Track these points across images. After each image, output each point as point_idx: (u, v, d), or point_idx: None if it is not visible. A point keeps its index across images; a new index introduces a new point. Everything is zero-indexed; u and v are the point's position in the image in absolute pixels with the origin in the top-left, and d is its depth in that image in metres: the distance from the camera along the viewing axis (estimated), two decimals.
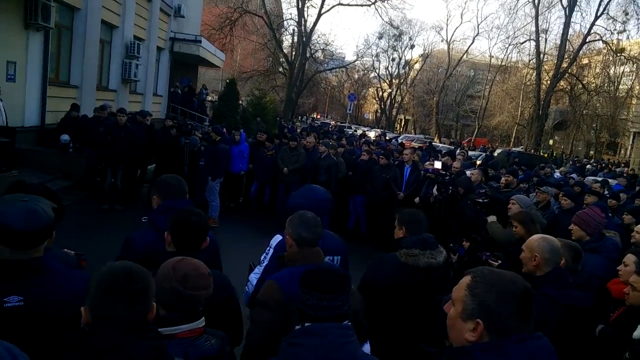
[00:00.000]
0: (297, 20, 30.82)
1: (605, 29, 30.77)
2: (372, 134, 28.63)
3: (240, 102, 25.84)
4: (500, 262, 4.18)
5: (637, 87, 31.27)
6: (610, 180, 13.39)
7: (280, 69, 33.67)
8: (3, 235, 1.67)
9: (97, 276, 1.48)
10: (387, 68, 52.40)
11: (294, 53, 32.95)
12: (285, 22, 33.54)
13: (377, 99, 56.59)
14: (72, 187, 9.42)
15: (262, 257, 2.76)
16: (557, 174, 13.90)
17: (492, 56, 40.52)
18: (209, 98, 25.26)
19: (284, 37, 35.69)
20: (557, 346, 2.54)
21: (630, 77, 33.67)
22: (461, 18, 67.00)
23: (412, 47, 50.74)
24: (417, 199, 7.81)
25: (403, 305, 2.79)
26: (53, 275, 1.80)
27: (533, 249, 2.79)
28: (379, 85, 54.42)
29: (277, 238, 2.76)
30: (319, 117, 58.94)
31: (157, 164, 9.43)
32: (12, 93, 9.50)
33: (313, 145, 9.74)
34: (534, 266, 2.77)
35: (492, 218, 5.12)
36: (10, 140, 7.91)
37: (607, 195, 8.24)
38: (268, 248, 2.77)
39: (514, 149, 31.36)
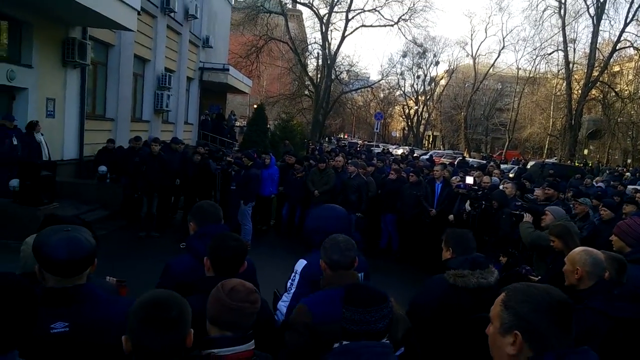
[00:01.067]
0: (321, 44, 31.31)
1: (636, 35, 30.11)
2: (399, 152, 28.52)
3: (269, 126, 26.32)
4: (540, 277, 4.08)
5: None
6: None
7: (306, 92, 34.11)
8: (48, 264, 1.75)
9: (133, 306, 1.53)
10: (412, 85, 52.49)
11: (319, 76, 33.38)
12: (309, 47, 34.13)
13: (403, 116, 56.54)
14: (110, 217, 9.70)
15: (289, 283, 2.72)
16: (598, 184, 13.47)
17: (520, 68, 40.04)
18: (238, 123, 25.76)
19: (308, 61, 36.28)
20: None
21: None
22: (486, 32, 67.29)
23: (437, 63, 50.79)
24: (451, 216, 7.70)
25: (452, 328, 2.72)
26: (96, 302, 1.86)
27: (575, 262, 2.74)
28: (405, 103, 54.39)
29: (302, 263, 2.72)
30: (346, 137, 59.17)
31: (188, 190, 9.62)
32: (52, 128, 9.96)
33: (342, 165, 9.77)
34: (576, 279, 2.71)
35: (527, 217, 5.04)
36: (52, 173, 8.24)
37: None
38: (293, 274, 2.72)
39: (547, 160, 30.64)
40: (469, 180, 7.25)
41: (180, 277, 2.51)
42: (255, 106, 17.96)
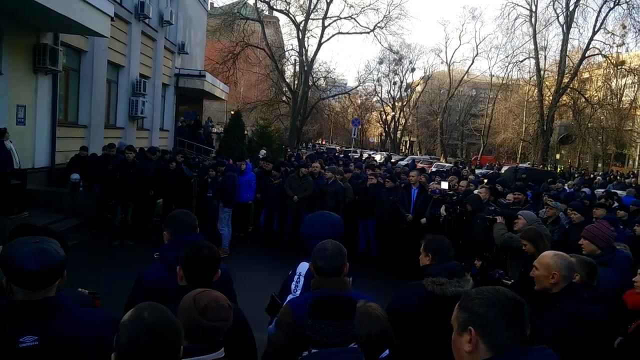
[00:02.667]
0: (298, 50, 31.37)
1: (604, 43, 31.08)
2: (377, 157, 28.74)
3: (246, 132, 26.21)
4: (513, 281, 4.16)
5: None
6: (619, 192, 13.29)
7: (284, 98, 34.11)
8: (16, 276, 1.71)
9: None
10: (389, 92, 53.08)
11: (296, 82, 33.42)
12: (286, 53, 34.15)
13: (381, 122, 57.06)
14: (83, 225, 9.50)
15: (293, 285, 2.72)
16: (567, 188, 13.80)
17: (493, 75, 40.94)
18: (215, 130, 25.58)
19: (286, 67, 36.30)
20: None
21: (633, 89, 33.77)
22: (459, 40, 68.12)
23: (413, 70, 51.51)
24: (423, 220, 7.80)
25: (430, 336, 2.73)
26: (66, 314, 1.83)
27: (550, 267, 2.76)
28: (382, 109, 54.93)
29: (305, 266, 2.72)
30: (324, 142, 59.32)
31: (164, 198, 9.51)
32: (23, 136, 9.72)
33: (319, 171, 9.80)
34: (551, 284, 2.74)
35: (500, 219, 5.15)
36: (22, 182, 8.03)
37: (617, 207, 8.16)
38: (297, 277, 2.73)
39: (521, 165, 31.28)
40: (444, 185, 7.36)
41: (153, 287, 2.49)
42: (232, 112, 17.86)
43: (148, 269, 2.69)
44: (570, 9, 29.64)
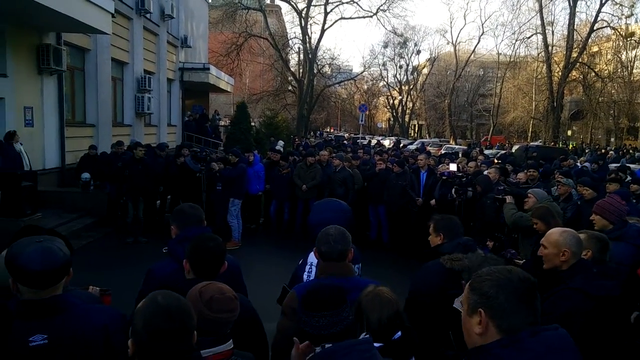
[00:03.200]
0: (301, 38, 31.19)
1: (612, 15, 30.43)
2: (386, 142, 28.60)
3: (253, 123, 26.19)
4: (524, 260, 4.13)
5: None
6: (632, 166, 13.10)
7: (290, 88, 33.99)
8: (22, 276, 1.73)
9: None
10: (395, 76, 52.52)
11: (301, 70, 33.27)
12: (290, 42, 33.98)
13: (388, 107, 56.63)
14: (96, 224, 9.61)
15: (305, 276, 2.74)
16: (584, 164, 13.65)
17: (500, 53, 40.31)
18: (222, 123, 25.61)
19: (290, 56, 36.11)
20: (591, 338, 2.49)
21: None
22: (464, 19, 67.59)
23: (419, 52, 50.82)
24: (432, 201, 7.76)
25: (453, 312, 2.74)
26: (75, 312, 1.84)
27: (559, 244, 2.72)
28: (389, 94, 54.46)
29: (313, 255, 2.72)
30: (332, 130, 59.17)
31: (173, 193, 9.55)
32: (32, 137, 9.81)
33: (327, 159, 9.77)
34: (562, 261, 2.70)
35: (509, 199, 5.11)
36: (33, 183, 8.12)
37: (629, 181, 8.04)
38: (308, 266, 2.74)
39: (532, 143, 30.94)
40: (453, 167, 7.30)
41: (163, 282, 2.49)
42: (237, 105, 17.84)
43: (157, 264, 2.71)
44: None
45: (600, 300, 2.53)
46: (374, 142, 26.88)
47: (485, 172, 7.64)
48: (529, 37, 33.83)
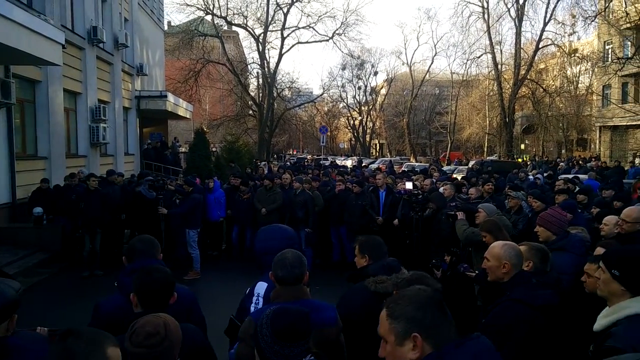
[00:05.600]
0: (259, 63, 31.43)
1: (556, 33, 32.13)
2: (348, 163, 28.93)
3: (215, 149, 25.97)
4: (477, 272, 4.27)
5: (595, 84, 32.43)
6: (581, 176, 13.73)
7: (250, 112, 34.03)
8: None
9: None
10: (354, 97, 53.54)
11: (261, 94, 33.44)
12: (248, 67, 34.15)
13: (349, 127, 57.44)
14: (50, 259, 9.28)
15: (252, 308, 2.70)
16: (530, 177, 14.20)
17: (453, 72, 41.68)
18: (183, 149, 25.31)
19: (249, 81, 36.26)
20: (538, 346, 2.60)
21: (587, 75, 34.96)
22: (418, 41, 70.19)
23: (376, 73, 52.13)
24: (395, 221, 7.90)
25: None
26: (20, 355, 1.80)
27: (501, 257, 2.84)
28: (349, 115, 55.36)
29: (263, 285, 2.71)
30: (294, 152, 59.39)
31: (132, 223, 9.34)
32: None
33: (290, 182, 9.82)
34: (503, 273, 2.81)
35: (461, 215, 5.26)
36: None
37: (577, 192, 8.45)
38: (255, 297, 2.71)
39: (488, 158, 31.96)
40: (409, 185, 7.48)
41: (109, 317, 2.46)
42: (195, 131, 17.73)
43: (105, 299, 2.67)
44: (521, 2, 30.56)
45: (541, 310, 2.65)
46: (341, 162, 27.18)
47: (441, 189, 7.87)
48: (479, 57, 35.23)
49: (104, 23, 15.98)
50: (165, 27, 29.77)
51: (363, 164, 23.47)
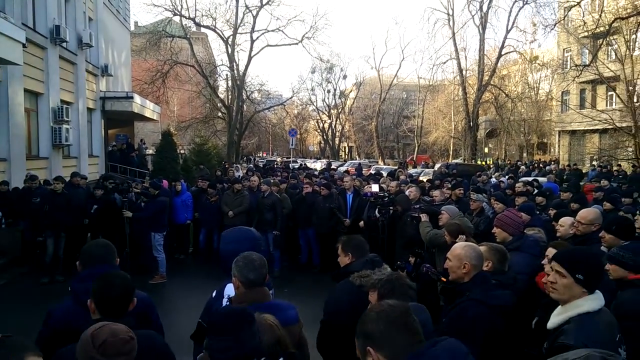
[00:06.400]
0: (228, 65, 31.18)
1: (518, 40, 33.22)
2: (318, 165, 29.04)
3: (183, 151, 25.60)
4: (439, 272, 4.40)
5: (554, 90, 33.64)
6: (541, 179, 14.23)
7: (219, 114, 33.68)
8: None
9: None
10: (324, 100, 53.92)
11: (230, 97, 33.15)
12: (217, 68, 33.80)
13: (318, 130, 57.66)
14: (9, 264, 8.98)
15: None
16: (493, 180, 14.61)
17: (420, 77, 42.48)
18: (150, 151, 24.89)
19: (218, 83, 35.91)
20: (495, 345, 2.71)
21: (547, 82, 36.25)
22: (386, 46, 70.86)
23: (345, 77, 52.61)
24: (361, 223, 8.01)
25: None
26: None
27: (461, 257, 2.94)
28: (318, 118, 55.60)
29: (232, 287, 2.68)
30: (264, 155, 59.20)
31: (95, 227, 9.14)
32: None
33: (257, 185, 9.83)
34: (464, 273, 2.92)
35: (424, 217, 5.39)
36: None
37: (536, 194, 8.77)
38: (225, 300, 2.70)
39: (454, 161, 32.67)
40: (375, 188, 7.60)
41: (63, 323, 2.40)
42: (161, 133, 17.45)
43: (57, 305, 2.60)
44: (484, 10, 31.45)
45: (499, 309, 2.77)
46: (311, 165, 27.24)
47: (407, 191, 8.03)
48: (444, 62, 36.02)
49: (67, 22, 15.59)
50: (132, 27, 29.20)
51: (332, 167, 23.60)
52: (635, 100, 22.32)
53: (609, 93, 26.70)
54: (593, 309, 2.29)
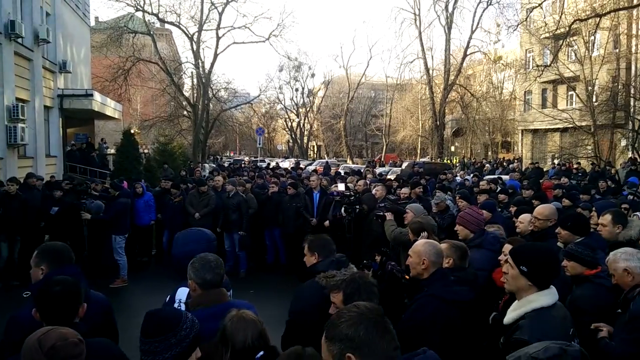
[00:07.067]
0: (194, 62, 30.66)
1: (482, 41, 33.89)
2: (286, 164, 28.91)
3: (146, 151, 25.03)
4: (402, 269, 4.40)
5: (517, 89, 34.55)
6: (504, 177, 14.56)
7: (185, 113, 33.09)
8: None
9: None
10: (292, 99, 53.69)
11: (195, 95, 32.62)
12: (182, 66, 33.21)
13: (287, 129, 57.47)
14: None
15: None
16: (458, 178, 14.85)
17: (388, 76, 42.89)
18: (111, 151, 24.24)
19: (183, 81, 35.31)
20: (454, 340, 2.71)
21: (511, 81, 37.21)
22: (353, 44, 71.40)
23: (313, 75, 52.51)
24: (326, 222, 7.98)
25: None
26: None
27: (421, 254, 2.98)
28: (287, 116, 55.38)
29: (185, 290, 2.66)
30: (232, 154, 58.63)
31: (52, 229, 8.79)
32: None
33: (222, 185, 9.66)
34: (423, 269, 2.95)
35: (389, 216, 5.40)
36: None
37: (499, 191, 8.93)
38: (177, 304, 2.65)
39: (421, 159, 33.12)
40: (341, 187, 7.58)
41: (26, 330, 2.30)
42: (123, 132, 16.95)
43: (20, 311, 2.51)
44: (450, 10, 31.95)
45: (457, 305, 2.78)
46: (272, 164, 27.00)
47: (373, 190, 8.04)
48: (411, 62, 36.43)
49: (23, 17, 14.95)
50: (92, 23, 28.36)
51: (300, 166, 23.53)
52: (594, 100, 23.15)
53: (570, 93, 27.60)
54: (547, 304, 2.34)
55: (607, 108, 21.96)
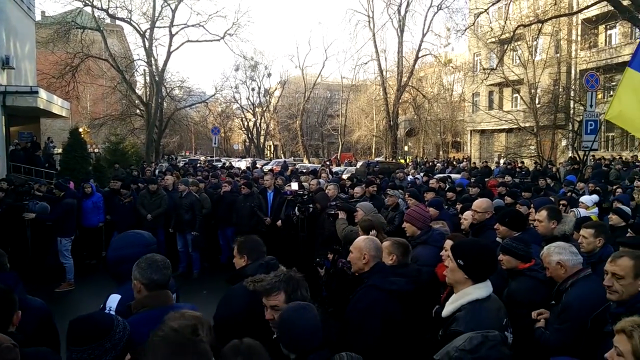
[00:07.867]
0: (146, 60, 29.91)
1: (433, 44, 34.85)
2: (242, 164, 28.69)
3: (97, 150, 24.20)
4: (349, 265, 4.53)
5: (466, 92, 35.76)
6: (454, 176, 15.06)
7: (137, 111, 32.22)
8: None
9: None
10: (248, 98, 53.29)
11: (148, 93, 31.83)
12: (134, 63, 32.32)
13: (243, 129, 56.97)
14: None
15: None
16: (409, 177, 15.24)
17: (344, 77, 43.37)
18: (58, 150, 23.27)
19: (135, 78, 34.35)
20: (393, 330, 2.84)
21: (460, 84, 38.48)
22: (309, 45, 71.63)
23: (270, 75, 52.31)
24: (279, 222, 8.04)
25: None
26: None
27: (362, 249, 3.14)
28: (243, 116, 54.91)
29: (115, 298, 2.58)
30: (187, 154, 57.53)
31: None
32: None
33: (172, 184, 9.52)
34: (364, 264, 3.11)
35: (341, 214, 5.53)
36: None
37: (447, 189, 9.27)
38: (107, 311, 2.53)
39: (376, 159, 33.68)
40: (294, 186, 7.65)
41: None
42: (69, 131, 16.30)
43: None
44: (402, 14, 32.65)
45: (396, 294, 2.93)
46: (227, 164, 26.73)
47: (326, 189, 8.15)
48: (366, 63, 37.07)
49: None
50: (38, 17, 27.08)
51: (257, 165, 23.44)
52: (537, 102, 24.32)
53: (514, 95, 28.87)
54: (482, 296, 2.50)
55: (548, 110, 23.14)
